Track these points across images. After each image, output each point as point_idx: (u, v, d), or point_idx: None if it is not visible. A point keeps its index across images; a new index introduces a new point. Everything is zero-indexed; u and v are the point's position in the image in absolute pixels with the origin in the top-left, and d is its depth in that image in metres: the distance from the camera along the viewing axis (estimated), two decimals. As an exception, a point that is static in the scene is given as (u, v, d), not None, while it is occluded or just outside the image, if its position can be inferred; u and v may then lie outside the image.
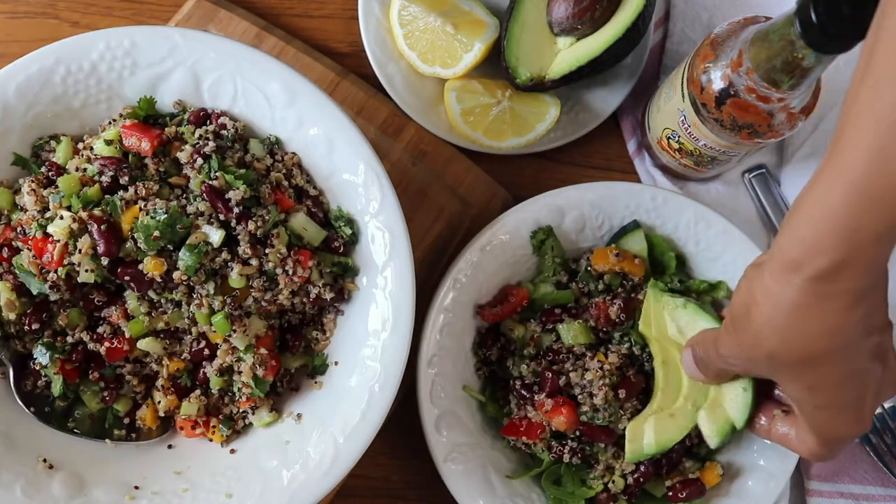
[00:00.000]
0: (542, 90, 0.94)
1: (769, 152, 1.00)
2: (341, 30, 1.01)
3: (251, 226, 0.77)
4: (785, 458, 0.88)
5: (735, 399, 0.81)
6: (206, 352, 0.81)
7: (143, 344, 0.80)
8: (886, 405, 0.96)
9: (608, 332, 0.89)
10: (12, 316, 0.78)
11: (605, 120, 0.98)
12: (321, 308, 0.85)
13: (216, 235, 0.76)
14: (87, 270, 0.75)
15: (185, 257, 0.75)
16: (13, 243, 0.80)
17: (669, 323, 0.85)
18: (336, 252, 0.82)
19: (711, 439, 0.84)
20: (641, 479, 0.87)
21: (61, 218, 0.76)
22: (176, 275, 0.76)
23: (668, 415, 0.84)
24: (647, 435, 0.84)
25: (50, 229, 0.76)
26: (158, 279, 0.76)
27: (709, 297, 0.91)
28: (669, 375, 0.85)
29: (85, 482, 0.79)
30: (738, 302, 0.66)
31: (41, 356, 0.79)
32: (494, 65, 0.96)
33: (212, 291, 0.77)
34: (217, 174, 0.78)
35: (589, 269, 0.91)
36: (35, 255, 0.77)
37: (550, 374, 0.87)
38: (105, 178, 0.78)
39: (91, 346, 0.80)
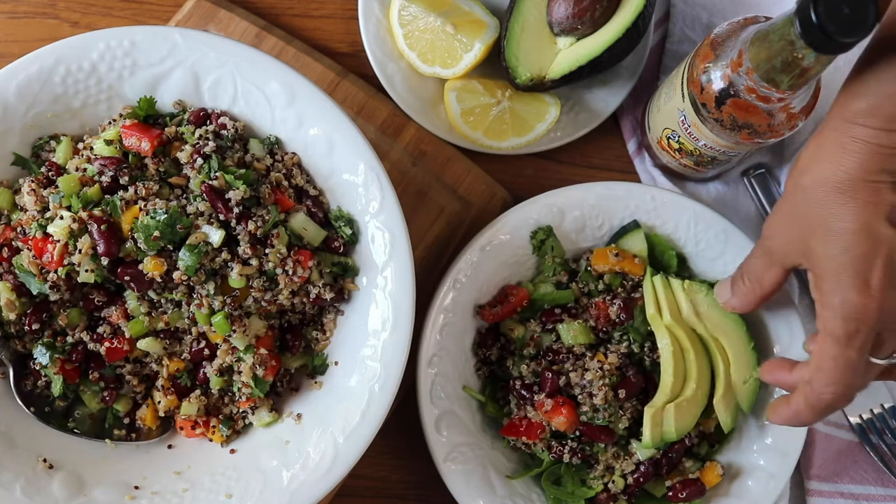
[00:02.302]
0: (542, 90, 0.94)
1: (769, 152, 1.00)
2: (341, 30, 1.01)
3: (251, 226, 0.77)
4: (785, 459, 0.88)
5: (744, 387, 0.87)
6: (206, 352, 0.81)
7: (143, 344, 0.80)
8: (886, 405, 0.96)
9: (608, 332, 0.89)
10: (12, 316, 0.78)
11: (605, 120, 0.98)
12: (321, 308, 0.85)
13: (216, 235, 0.76)
14: (87, 270, 0.75)
15: (185, 257, 0.75)
16: (13, 243, 0.80)
17: (686, 307, 0.86)
18: (336, 252, 0.82)
19: (726, 424, 0.87)
20: (641, 479, 0.88)
21: (61, 218, 0.76)
22: (176, 275, 0.76)
23: (685, 401, 0.85)
24: (668, 421, 0.84)
25: (50, 229, 0.76)
26: (158, 279, 0.76)
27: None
28: (679, 363, 0.86)
29: (85, 482, 0.79)
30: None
31: (41, 356, 0.79)
32: (494, 65, 0.96)
33: (212, 291, 0.77)
34: (217, 174, 0.78)
35: (589, 269, 0.91)
36: (35, 255, 0.77)
37: (550, 374, 0.87)
38: (105, 179, 0.78)
39: (91, 346, 0.80)
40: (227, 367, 0.82)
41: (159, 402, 0.82)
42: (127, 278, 0.76)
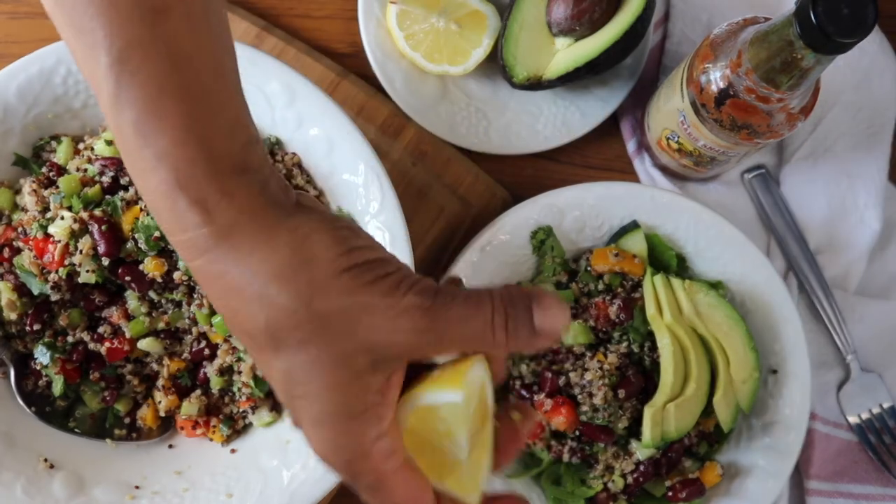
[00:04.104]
0: (539, 89, 0.94)
1: (769, 152, 1.00)
2: (341, 30, 1.01)
3: (251, 226, 0.77)
4: (784, 458, 0.88)
5: (744, 387, 0.87)
6: (207, 352, 0.82)
7: (143, 344, 0.80)
8: (885, 405, 0.96)
9: (608, 332, 0.89)
10: (13, 316, 0.79)
11: (605, 120, 0.98)
12: (321, 308, 0.85)
13: (216, 236, 0.76)
14: (87, 271, 0.76)
15: (185, 257, 0.75)
16: (14, 243, 0.80)
17: (687, 306, 0.86)
18: (336, 252, 0.82)
19: (726, 424, 0.87)
20: (641, 479, 0.88)
21: (62, 218, 0.76)
22: (176, 275, 0.76)
23: (685, 401, 0.85)
24: (668, 421, 0.85)
25: (51, 230, 0.76)
26: (159, 279, 0.77)
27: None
28: (679, 362, 0.86)
29: (85, 482, 0.79)
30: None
31: (42, 356, 0.79)
32: (493, 61, 0.96)
33: (212, 291, 0.77)
34: (217, 174, 0.78)
35: (589, 269, 0.91)
36: (36, 256, 0.77)
37: (550, 374, 0.87)
38: (106, 179, 0.79)
39: (92, 346, 0.80)
40: (227, 366, 0.82)
41: (160, 402, 0.82)
42: (128, 278, 0.77)
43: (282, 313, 0.45)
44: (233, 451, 0.83)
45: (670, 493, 0.88)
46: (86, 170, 0.80)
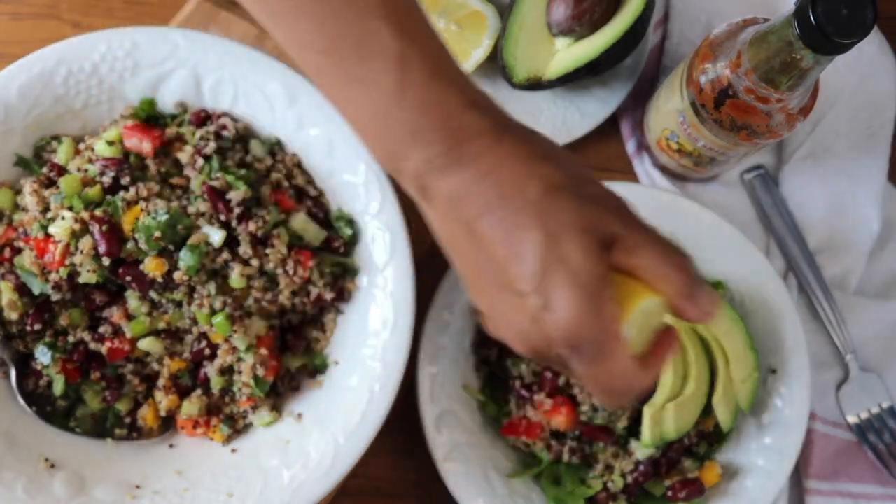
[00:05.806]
0: (539, 89, 0.94)
1: (768, 153, 1.00)
2: (342, 30, 1.01)
3: (252, 226, 0.77)
4: (784, 458, 0.88)
5: (743, 386, 0.87)
6: (207, 352, 0.82)
7: (144, 344, 0.80)
8: (884, 405, 0.96)
9: (607, 331, 0.90)
10: (14, 316, 0.79)
11: (605, 120, 0.98)
12: (322, 308, 0.85)
13: (217, 236, 0.76)
14: (88, 271, 0.76)
15: (186, 258, 0.76)
16: (15, 244, 0.80)
17: None
18: (336, 252, 0.83)
19: (725, 424, 0.87)
20: (640, 479, 0.88)
21: (63, 218, 0.76)
22: (177, 275, 0.76)
23: (684, 400, 0.85)
24: (667, 420, 0.85)
25: (51, 230, 0.76)
26: (159, 279, 0.77)
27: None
28: (679, 362, 0.86)
29: (86, 481, 0.79)
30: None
31: (43, 356, 0.79)
32: (493, 62, 0.96)
33: (213, 292, 0.77)
34: (218, 174, 0.78)
35: (588, 269, 0.91)
36: (37, 256, 0.77)
37: (550, 374, 0.87)
38: (106, 179, 0.79)
39: (92, 345, 0.80)
40: (227, 366, 0.82)
41: (160, 402, 0.83)
42: (128, 278, 0.77)
43: (555, 181, 0.55)
44: (233, 450, 0.83)
45: (670, 493, 0.88)
46: (86, 170, 0.80)
